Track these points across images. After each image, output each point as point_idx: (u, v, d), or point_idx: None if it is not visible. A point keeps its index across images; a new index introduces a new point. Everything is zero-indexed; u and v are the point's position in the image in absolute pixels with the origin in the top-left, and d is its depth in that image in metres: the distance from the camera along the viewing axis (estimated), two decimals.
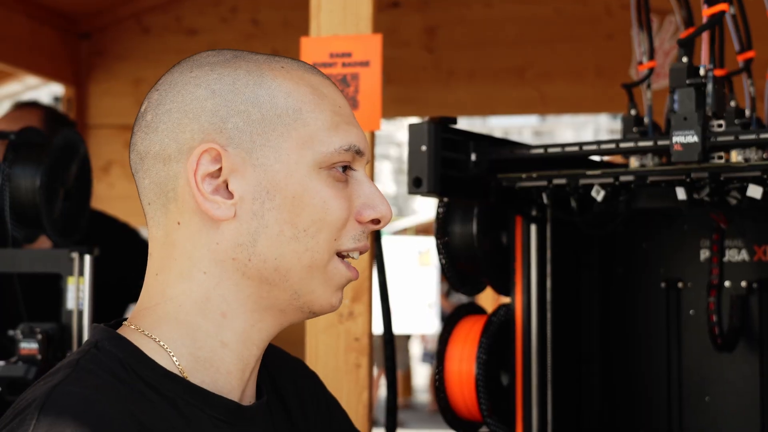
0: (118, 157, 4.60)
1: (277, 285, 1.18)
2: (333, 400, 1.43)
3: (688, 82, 1.76)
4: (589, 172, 1.87)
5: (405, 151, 1.88)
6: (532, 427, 2.05)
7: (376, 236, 2.26)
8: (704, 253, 2.12)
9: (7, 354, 2.12)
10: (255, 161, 1.16)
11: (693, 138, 1.73)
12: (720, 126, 1.78)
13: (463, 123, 1.96)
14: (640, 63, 2.06)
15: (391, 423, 2.30)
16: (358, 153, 1.21)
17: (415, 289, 11.20)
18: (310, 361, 2.21)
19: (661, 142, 1.82)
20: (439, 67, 4.53)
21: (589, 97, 4.48)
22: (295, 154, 1.17)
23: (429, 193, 1.86)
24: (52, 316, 2.13)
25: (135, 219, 3.20)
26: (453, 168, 1.90)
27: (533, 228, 2.07)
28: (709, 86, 1.79)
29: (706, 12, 1.83)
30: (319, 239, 1.17)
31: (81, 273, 2.12)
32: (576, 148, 1.90)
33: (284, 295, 1.18)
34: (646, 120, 2.01)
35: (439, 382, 2.09)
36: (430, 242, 11.26)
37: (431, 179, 1.84)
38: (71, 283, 2.12)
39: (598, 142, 1.90)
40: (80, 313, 2.12)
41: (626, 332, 2.20)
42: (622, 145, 1.87)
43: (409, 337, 12.38)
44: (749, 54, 1.96)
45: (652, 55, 2.05)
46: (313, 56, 2.18)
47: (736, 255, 2.08)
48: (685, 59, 1.78)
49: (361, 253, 1.23)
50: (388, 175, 32.76)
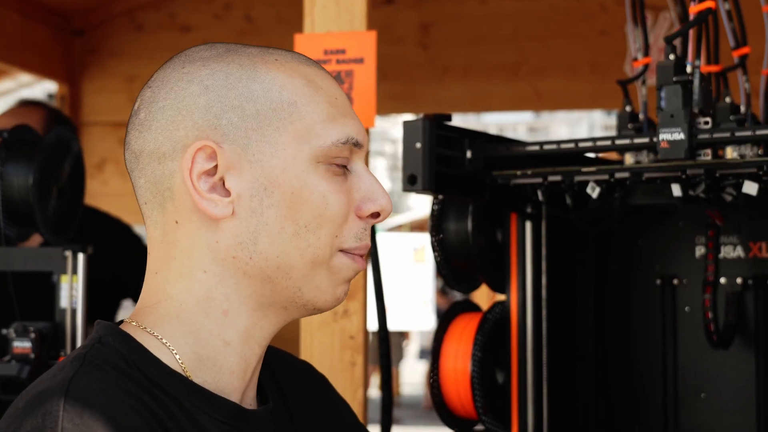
0: (111, 154, 4.59)
1: (280, 282, 1.16)
2: (341, 402, 1.41)
3: (674, 79, 1.75)
4: (585, 169, 1.86)
5: (400, 148, 1.87)
6: (528, 425, 2.05)
7: (371, 233, 2.25)
8: (700, 250, 2.12)
9: (0, 353, 2.11)
10: (251, 157, 1.14)
11: (679, 135, 1.72)
12: (707, 123, 1.78)
13: (458, 119, 1.96)
14: (635, 59, 2.06)
15: (386, 420, 2.29)
16: (356, 145, 1.18)
17: (410, 286, 11.21)
18: (305, 360, 2.21)
19: (656, 139, 1.81)
20: (434, 63, 4.52)
21: (583, 93, 4.48)
22: (292, 149, 1.15)
23: (424, 190, 1.85)
24: (46, 314, 2.12)
25: (129, 216, 3.20)
26: (448, 165, 1.90)
27: (528, 225, 2.06)
28: (696, 83, 1.79)
29: (693, 9, 1.83)
30: (321, 235, 1.15)
31: (74, 271, 2.12)
32: (571, 145, 1.89)
33: (287, 293, 1.17)
34: (641, 116, 2.01)
35: (434, 380, 2.08)
36: (425, 239, 11.25)
37: (426, 176, 1.84)
38: (65, 281, 2.11)
39: (594, 139, 1.89)
40: (74, 312, 2.11)
41: (621, 329, 2.20)
42: (618, 142, 1.86)
43: (403, 334, 12.39)
44: (744, 50, 1.95)
45: (647, 52, 2.04)
46: (306, 53, 2.17)
47: (731, 252, 2.08)
48: (672, 56, 1.78)
49: (362, 254, 1.20)
50: (383, 172, 32.76)
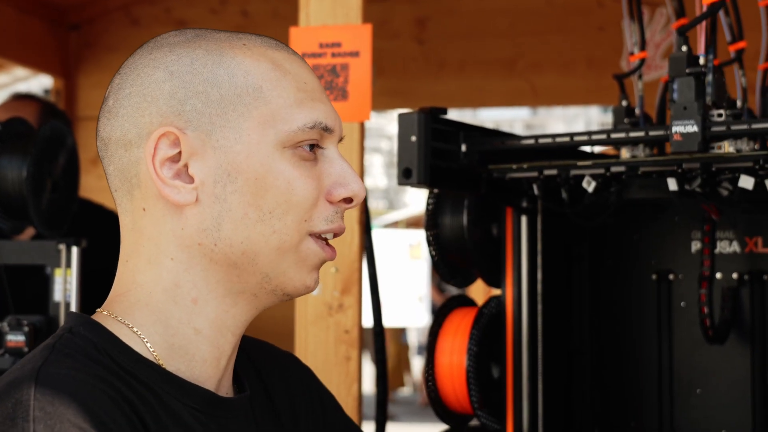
0: None
1: (246, 269, 1.15)
2: (326, 393, 1.40)
3: (687, 71, 1.74)
4: (581, 163, 1.86)
5: (396, 144, 1.86)
6: (523, 420, 2.04)
7: (366, 228, 2.25)
8: (695, 245, 2.11)
9: None
10: (215, 143, 1.13)
11: (693, 128, 1.71)
12: (720, 116, 1.76)
13: (454, 115, 1.95)
14: (632, 54, 2.06)
15: (381, 416, 2.29)
16: (326, 130, 1.17)
17: (405, 282, 11.21)
18: (300, 354, 2.20)
19: (652, 133, 1.81)
20: (430, 58, 4.51)
21: (580, 88, 4.47)
22: (257, 134, 1.14)
23: (419, 184, 1.84)
24: (39, 308, 2.12)
25: None
26: (443, 159, 1.89)
27: (524, 219, 2.06)
28: (709, 76, 1.78)
29: (706, 0, 1.82)
30: (287, 221, 1.14)
31: (68, 264, 2.11)
32: (567, 139, 1.89)
33: (254, 279, 1.16)
34: (638, 111, 2.01)
35: (429, 375, 2.08)
36: (421, 235, 11.26)
37: (421, 170, 1.83)
38: (58, 275, 2.11)
39: (589, 133, 1.89)
40: (68, 305, 2.10)
41: (617, 324, 2.20)
42: (614, 136, 1.86)
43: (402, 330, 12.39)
44: (741, 44, 1.95)
45: (643, 46, 2.04)
46: (302, 46, 2.17)
47: (727, 246, 2.08)
48: (684, 48, 1.77)
49: (335, 234, 1.19)
50: (379, 168, 32.77)
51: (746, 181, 1.72)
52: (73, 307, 2.10)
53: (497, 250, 2.09)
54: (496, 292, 2.12)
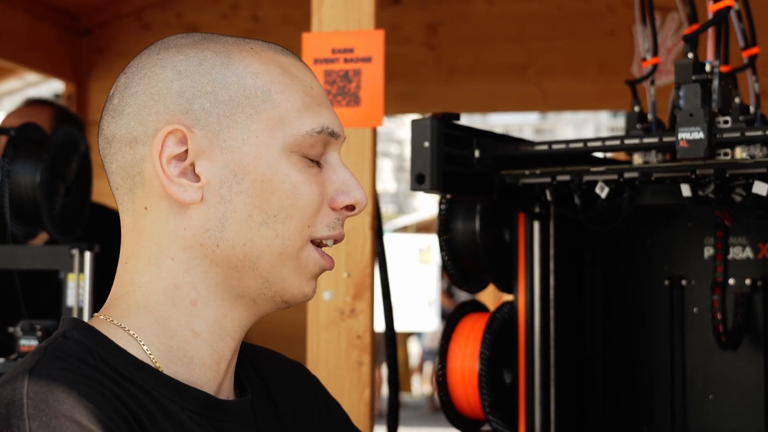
0: None
1: (246, 272, 1.14)
2: (333, 403, 1.39)
3: (693, 78, 1.74)
4: (593, 169, 1.86)
5: (405, 149, 1.86)
6: (535, 425, 2.04)
7: (378, 233, 2.25)
8: (708, 251, 2.11)
9: (6, 351, 2.11)
10: (222, 143, 1.13)
11: (699, 134, 1.71)
12: (726, 122, 1.76)
13: (464, 120, 1.95)
14: (644, 59, 2.05)
15: (393, 421, 2.29)
16: (332, 135, 1.17)
17: (415, 287, 11.20)
18: (312, 359, 2.21)
19: (665, 139, 1.81)
20: (441, 63, 4.52)
21: (590, 94, 4.47)
22: (264, 136, 1.14)
23: (432, 189, 1.84)
24: (52, 312, 2.12)
25: None
26: (456, 164, 1.89)
27: (536, 225, 2.06)
28: (715, 82, 1.78)
29: (713, 8, 1.82)
30: (290, 225, 1.14)
31: (81, 269, 2.11)
32: (580, 145, 1.89)
33: (254, 284, 1.15)
34: (650, 116, 2.00)
35: (441, 379, 2.08)
36: (431, 240, 11.26)
37: (434, 176, 1.83)
38: (71, 279, 2.11)
39: (603, 139, 1.88)
40: (80, 310, 2.11)
41: (629, 330, 2.19)
42: (627, 142, 1.85)
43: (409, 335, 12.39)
44: (754, 50, 1.95)
45: (656, 52, 2.04)
46: (314, 52, 2.17)
47: (740, 252, 2.07)
48: (690, 55, 1.77)
49: (336, 241, 1.19)
50: (389, 173, 32.76)
51: (760, 187, 1.72)
52: (86, 312, 2.10)
53: (509, 256, 2.09)
54: (507, 297, 2.11)
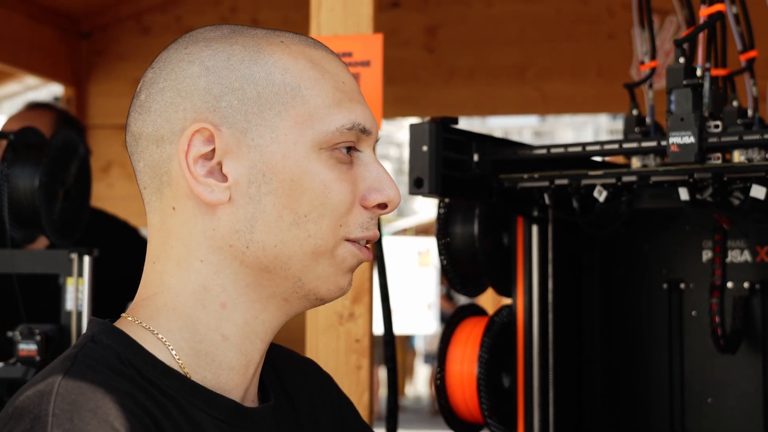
0: (117, 157, 4.59)
1: (278, 273, 1.12)
2: (345, 400, 1.37)
3: (684, 82, 1.75)
4: (592, 173, 1.86)
5: (405, 152, 1.87)
6: (534, 428, 2.04)
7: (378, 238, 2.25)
8: (706, 254, 2.11)
9: (5, 355, 2.11)
10: (250, 142, 1.10)
11: (690, 139, 1.72)
12: (717, 126, 1.77)
13: (463, 123, 1.95)
14: (642, 63, 2.06)
15: (392, 424, 2.29)
16: (364, 132, 1.14)
17: (414, 290, 11.20)
18: None
19: (664, 143, 1.81)
20: (440, 66, 4.52)
21: (589, 96, 4.48)
22: (294, 134, 1.10)
23: (430, 193, 1.84)
24: (51, 317, 2.12)
25: (135, 219, 3.20)
26: (454, 168, 1.89)
27: (535, 229, 2.06)
28: (706, 86, 1.79)
29: (704, 12, 1.83)
30: (322, 225, 1.11)
31: (80, 274, 2.11)
32: (579, 149, 1.89)
33: (287, 284, 1.13)
34: (648, 120, 2.01)
35: (440, 383, 2.08)
36: (430, 243, 11.26)
37: (432, 180, 1.83)
38: (70, 284, 2.11)
39: (601, 143, 1.89)
40: (79, 314, 2.11)
41: (628, 333, 2.19)
42: (625, 146, 1.86)
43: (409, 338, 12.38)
44: (752, 53, 1.95)
45: (654, 55, 2.04)
46: None
47: (738, 256, 2.07)
48: (681, 60, 1.78)
49: (369, 242, 1.16)
50: None
51: (758, 191, 1.72)
52: (85, 317, 2.11)
53: (508, 259, 2.09)
54: (506, 301, 2.12)
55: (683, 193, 1.77)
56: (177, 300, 1.13)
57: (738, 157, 1.75)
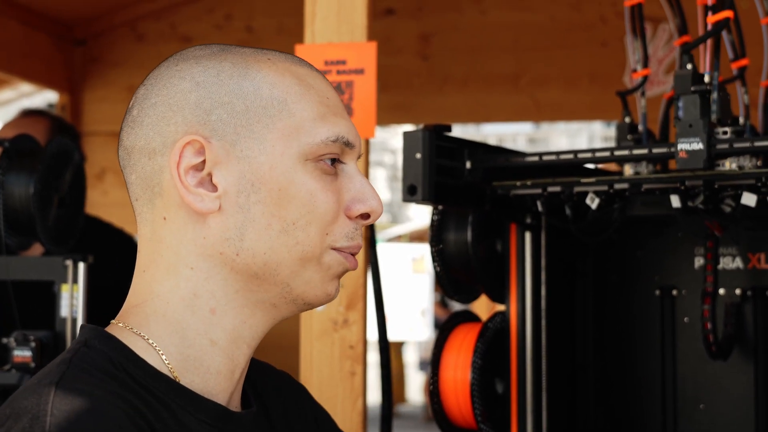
0: (112, 164, 4.59)
1: (267, 279, 1.16)
2: (321, 412, 1.40)
3: (693, 89, 1.75)
4: (584, 180, 1.87)
5: (399, 158, 1.88)
6: None
7: (371, 243, 2.26)
8: (699, 261, 2.12)
9: (0, 362, 2.11)
10: (239, 153, 1.14)
11: (698, 145, 1.72)
12: (725, 133, 1.77)
13: (457, 130, 1.96)
14: (635, 71, 2.07)
15: (386, 430, 2.29)
16: (347, 145, 1.19)
17: (408, 296, 11.20)
18: (305, 369, 2.21)
19: (656, 150, 1.82)
20: (434, 74, 4.53)
21: (583, 104, 4.49)
22: (281, 146, 1.15)
23: (423, 200, 1.85)
24: (46, 323, 2.13)
25: (130, 226, 3.19)
26: (448, 175, 1.90)
27: (528, 235, 2.07)
28: (714, 93, 1.79)
29: (711, 19, 1.83)
30: (310, 232, 1.15)
31: (75, 280, 2.12)
32: (571, 156, 1.90)
33: (275, 289, 1.17)
34: (641, 127, 2.02)
35: (433, 389, 2.08)
36: (424, 249, 11.26)
37: (426, 187, 1.84)
38: (65, 290, 2.12)
39: (593, 150, 1.90)
40: (74, 321, 2.11)
41: (621, 340, 2.20)
42: (617, 153, 1.87)
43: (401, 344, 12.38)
44: (743, 62, 1.96)
45: (646, 63, 2.05)
46: None
47: (730, 263, 2.08)
48: (689, 66, 1.78)
49: (353, 253, 1.20)
50: (383, 182, 32.76)
51: (749, 198, 1.73)
52: (80, 323, 2.11)
53: (501, 266, 2.10)
54: (500, 307, 2.12)
55: (675, 201, 1.78)
56: (167, 306, 1.16)
57: (729, 164, 1.76)
